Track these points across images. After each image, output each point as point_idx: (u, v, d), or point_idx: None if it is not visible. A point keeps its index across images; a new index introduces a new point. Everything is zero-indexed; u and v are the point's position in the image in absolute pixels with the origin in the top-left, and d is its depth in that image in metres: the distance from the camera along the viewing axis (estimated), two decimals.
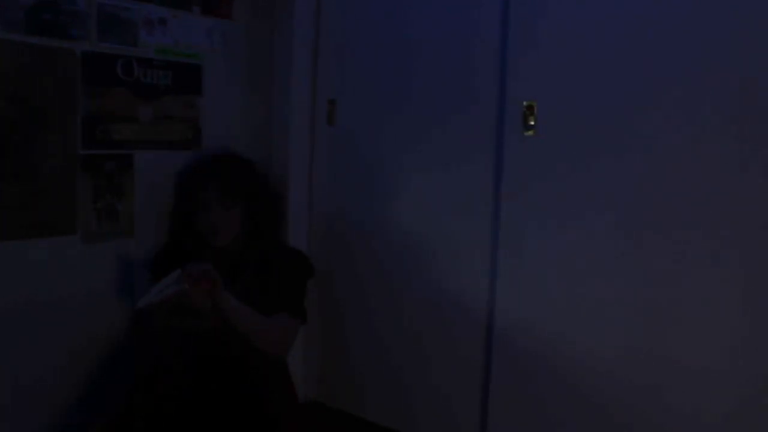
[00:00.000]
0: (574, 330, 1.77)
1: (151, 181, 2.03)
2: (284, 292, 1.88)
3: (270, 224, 1.98)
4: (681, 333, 1.63)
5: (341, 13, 2.23)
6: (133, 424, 1.76)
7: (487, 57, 1.90)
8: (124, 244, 1.99)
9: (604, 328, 1.73)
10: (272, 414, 1.83)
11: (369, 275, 2.20)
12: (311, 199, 2.32)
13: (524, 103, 1.81)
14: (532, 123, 1.81)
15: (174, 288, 1.60)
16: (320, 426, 2.23)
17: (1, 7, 1.67)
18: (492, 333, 1.93)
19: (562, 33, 1.76)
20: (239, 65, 2.27)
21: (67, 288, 1.87)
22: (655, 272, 1.65)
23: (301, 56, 2.24)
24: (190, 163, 2.04)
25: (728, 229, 1.56)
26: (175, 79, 2.07)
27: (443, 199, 2.02)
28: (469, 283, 1.98)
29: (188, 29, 2.10)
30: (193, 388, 1.79)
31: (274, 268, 1.91)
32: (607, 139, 1.71)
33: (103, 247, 1.94)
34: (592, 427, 1.76)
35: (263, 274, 1.90)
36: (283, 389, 1.97)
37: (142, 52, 1.98)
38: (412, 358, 2.11)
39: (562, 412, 1.80)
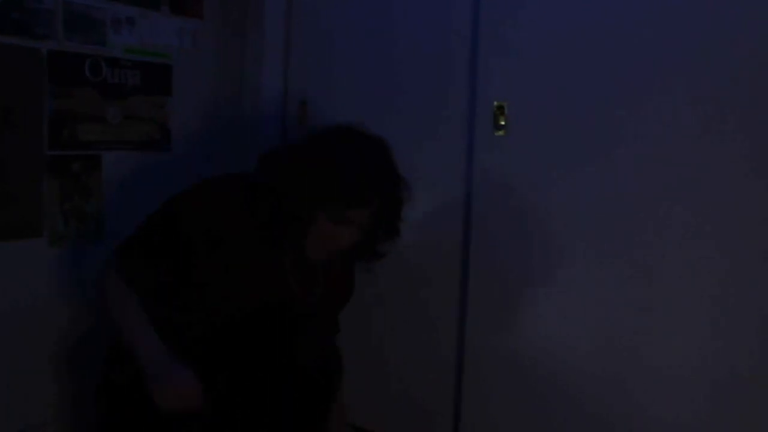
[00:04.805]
0: (548, 328, 1.80)
1: (119, 182, 2.00)
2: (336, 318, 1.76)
3: None
4: (655, 331, 1.65)
5: (313, 15, 2.23)
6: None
7: (458, 57, 1.92)
8: (93, 246, 1.96)
9: (578, 326, 1.76)
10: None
11: None
12: None
13: (495, 103, 1.83)
14: (503, 123, 1.83)
15: None
16: None
17: None
18: (464, 332, 1.95)
19: (533, 33, 1.78)
20: (209, 65, 2.25)
21: (33, 292, 1.83)
22: (631, 270, 1.68)
23: (272, 57, 2.24)
24: (348, 161, 1.46)
25: (702, 229, 1.59)
26: (144, 79, 2.05)
27: (414, 198, 2.02)
28: (441, 283, 1.99)
29: (157, 29, 2.08)
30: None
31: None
32: (578, 139, 1.73)
33: (70, 249, 1.91)
34: (566, 425, 1.79)
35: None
36: None
37: (110, 52, 1.95)
38: (386, 359, 2.12)
39: (537, 410, 1.83)
